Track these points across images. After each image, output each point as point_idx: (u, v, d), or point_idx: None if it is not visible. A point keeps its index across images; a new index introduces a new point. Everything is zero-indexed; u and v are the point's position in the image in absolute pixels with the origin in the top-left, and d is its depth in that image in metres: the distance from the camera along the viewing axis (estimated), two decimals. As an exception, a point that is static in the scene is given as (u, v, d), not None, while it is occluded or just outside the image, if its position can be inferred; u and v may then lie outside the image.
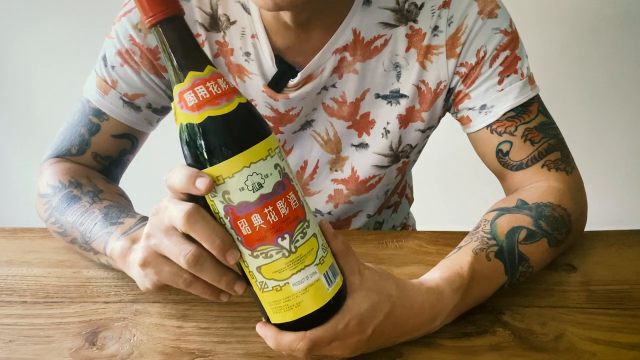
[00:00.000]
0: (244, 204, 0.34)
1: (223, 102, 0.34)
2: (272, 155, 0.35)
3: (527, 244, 0.50)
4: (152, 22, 0.34)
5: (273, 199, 0.35)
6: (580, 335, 0.46)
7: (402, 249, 0.59)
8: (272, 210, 0.35)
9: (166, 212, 0.37)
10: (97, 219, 0.52)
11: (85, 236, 0.53)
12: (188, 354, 0.45)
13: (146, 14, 0.34)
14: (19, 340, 0.47)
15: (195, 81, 0.34)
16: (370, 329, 0.40)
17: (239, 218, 0.35)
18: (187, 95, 0.34)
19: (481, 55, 0.57)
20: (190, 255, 0.36)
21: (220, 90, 0.35)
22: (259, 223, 0.35)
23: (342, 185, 0.68)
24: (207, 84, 0.34)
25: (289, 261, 0.36)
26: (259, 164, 0.34)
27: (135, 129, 0.63)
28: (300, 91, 0.60)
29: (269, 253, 0.36)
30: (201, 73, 0.34)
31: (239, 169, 0.34)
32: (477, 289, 0.47)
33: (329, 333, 0.38)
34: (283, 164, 0.36)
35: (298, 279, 0.36)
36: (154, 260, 0.39)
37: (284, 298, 0.37)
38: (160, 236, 0.38)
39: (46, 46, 1.41)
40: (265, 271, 0.36)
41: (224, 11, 0.58)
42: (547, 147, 0.58)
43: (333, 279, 0.38)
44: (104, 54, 0.60)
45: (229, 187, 0.34)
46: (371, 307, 0.40)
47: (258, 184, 0.34)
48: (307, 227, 0.37)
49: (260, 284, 0.37)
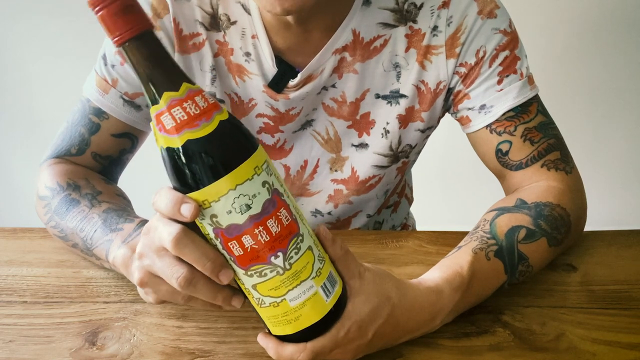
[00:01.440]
0: (233, 226, 0.33)
1: (202, 122, 0.32)
2: (258, 173, 0.34)
3: (526, 244, 0.50)
4: (119, 42, 0.32)
5: (263, 218, 0.33)
6: (580, 335, 0.46)
7: (402, 249, 0.59)
8: (262, 230, 0.34)
9: (156, 232, 0.37)
10: (97, 226, 0.52)
11: (86, 243, 0.53)
12: (188, 354, 0.45)
13: (111, 34, 0.31)
14: (19, 340, 0.47)
15: (171, 102, 0.32)
16: (370, 333, 0.40)
17: (229, 240, 0.34)
18: (164, 118, 0.32)
19: (480, 56, 0.57)
20: (182, 279, 0.36)
21: (199, 110, 0.32)
22: (250, 244, 0.34)
23: (342, 185, 0.68)
24: (183, 105, 0.32)
25: (284, 278, 0.35)
26: (245, 185, 0.33)
27: (135, 128, 0.63)
28: (300, 91, 0.60)
29: (263, 272, 0.35)
30: (176, 93, 0.32)
31: (225, 193, 0.33)
32: (477, 289, 0.47)
33: (330, 342, 0.39)
34: (272, 179, 0.35)
35: (295, 294, 0.36)
36: (150, 281, 0.40)
37: (282, 313, 0.36)
38: (153, 257, 0.38)
39: (46, 46, 1.41)
40: (261, 289, 0.36)
41: (225, 11, 0.58)
42: (546, 147, 0.58)
43: (331, 289, 0.38)
44: (103, 52, 0.60)
45: (216, 210, 0.33)
46: (371, 311, 0.40)
47: (246, 205, 0.33)
48: (301, 242, 0.36)
49: (257, 300, 0.37)
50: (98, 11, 0.31)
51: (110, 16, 0.31)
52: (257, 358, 0.44)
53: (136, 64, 0.32)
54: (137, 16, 0.32)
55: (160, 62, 0.33)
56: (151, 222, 0.38)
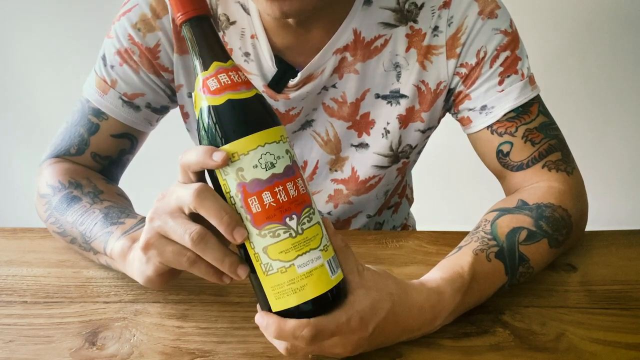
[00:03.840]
0: (256, 181, 0.36)
1: (242, 89, 0.38)
2: (284, 141, 0.38)
3: (527, 245, 0.50)
4: (184, 19, 0.38)
5: (284, 179, 0.37)
6: (580, 335, 0.46)
7: (402, 249, 0.59)
8: (282, 190, 0.37)
9: (173, 195, 0.38)
10: (98, 219, 0.52)
11: (85, 236, 0.53)
12: (188, 354, 0.45)
13: (179, 10, 0.38)
14: (19, 340, 0.47)
15: (218, 69, 0.37)
16: (371, 326, 0.40)
17: (250, 195, 0.36)
18: (210, 82, 0.37)
19: (481, 56, 0.57)
20: (195, 233, 0.37)
21: (240, 80, 0.38)
22: (269, 201, 0.36)
23: (342, 185, 0.68)
24: (229, 73, 0.38)
25: (295, 242, 0.37)
26: (272, 145, 0.37)
27: (134, 128, 0.63)
28: (300, 91, 0.59)
29: (276, 232, 0.37)
30: (224, 64, 0.38)
31: (254, 147, 0.36)
32: (478, 290, 0.47)
33: (332, 323, 0.38)
34: (292, 152, 0.39)
35: (303, 260, 0.37)
36: (157, 242, 0.39)
37: (288, 280, 0.37)
38: (165, 218, 0.38)
39: (46, 46, 1.41)
40: (272, 251, 0.37)
41: (224, 11, 0.58)
42: (547, 148, 0.58)
43: (335, 269, 0.39)
44: (103, 53, 0.60)
45: (243, 163, 0.36)
46: (372, 304, 0.40)
47: (270, 164, 0.37)
48: (312, 214, 0.38)
49: (265, 266, 0.37)
50: None
51: None
52: (257, 358, 0.44)
53: (196, 36, 0.38)
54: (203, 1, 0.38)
55: (214, 39, 0.39)
56: (167, 189, 0.39)
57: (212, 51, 0.38)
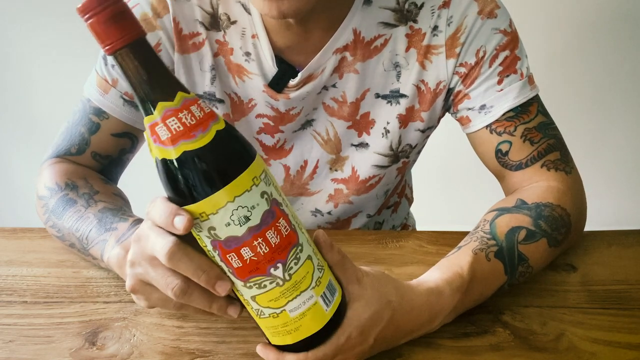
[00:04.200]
0: (231, 238, 0.33)
1: (199, 133, 0.31)
2: (257, 183, 0.33)
3: (526, 244, 0.50)
4: (110, 51, 0.31)
5: (262, 230, 0.33)
6: (580, 335, 0.46)
7: (402, 249, 0.59)
8: (262, 242, 0.33)
9: (148, 241, 0.36)
10: (92, 225, 0.52)
11: (82, 242, 0.53)
12: (188, 354, 0.45)
13: (102, 42, 0.30)
14: (19, 340, 0.47)
15: (165, 113, 0.31)
16: (371, 337, 0.40)
17: (228, 252, 0.33)
18: (159, 129, 0.31)
19: (481, 55, 0.57)
20: (177, 289, 0.36)
21: (195, 120, 0.32)
22: (249, 256, 0.33)
23: (342, 185, 0.68)
24: (179, 115, 0.31)
25: (284, 289, 0.35)
26: (243, 196, 0.32)
27: (135, 127, 0.63)
28: (300, 91, 0.60)
29: (262, 284, 0.34)
30: (171, 103, 0.31)
31: (223, 205, 0.32)
32: (477, 289, 0.47)
33: (332, 350, 0.38)
34: (270, 189, 0.34)
35: (294, 305, 0.35)
36: (141, 289, 0.39)
37: (281, 324, 0.36)
38: (146, 266, 0.37)
39: (46, 46, 1.41)
40: (261, 300, 0.35)
41: (225, 10, 0.58)
42: (546, 147, 0.58)
43: (331, 298, 0.37)
44: (104, 53, 0.60)
45: (214, 223, 0.32)
46: (372, 316, 0.40)
47: (245, 217, 0.32)
48: (300, 252, 0.35)
49: (257, 311, 0.36)
50: (88, 19, 0.30)
51: (101, 24, 0.30)
52: (257, 358, 0.44)
53: (128, 73, 0.31)
54: (128, 23, 0.30)
55: (153, 70, 0.32)
56: (142, 229, 0.37)
57: (155, 87, 0.31)
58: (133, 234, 0.38)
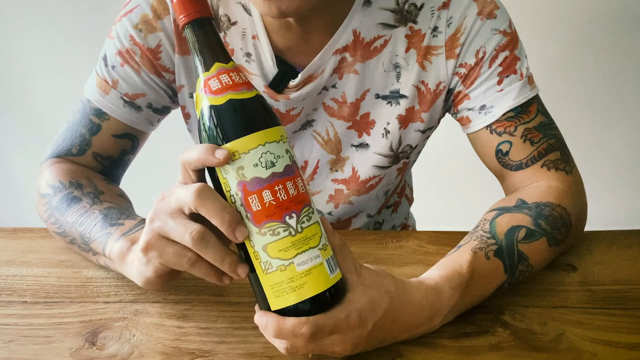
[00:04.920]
0: (256, 179, 0.37)
1: (243, 89, 0.38)
2: (284, 141, 0.38)
3: (526, 243, 0.50)
4: (187, 21, 0.38)
5: (283, 178, 0.37)
6: (580, 335, 0.46)
7: (402, 249, 0.59)
8: (282, 189, 0.37)
9: (173, 195, 0.39)
10: (97, 220, 0.52)
11: (84, 237, 0.53)
12: (188, 354, 0.45)
13: (182, 12, 0.38)
14: (19, 340, 0.47)
15: (220, 70, 0.38)
16: (370, 324, 0.40)
17: (250, 194, 0.37)
18: (211, 82, 0.38)
19: (480, 56, 0.57)
20: (195, 232, 0.37)
21: (242, 80, 0.38)
22: (269, 199, 0.37)
23: (342, 185, 0.68)
24: (230, 74, 0.38)
25: (294, 240, 0.37)
26: (272, 144, 0.37)
27: (136, 128, 0.63)
28: (300, 92, 0.60)
29: (276, 230, 0.37)
30: (226, 65, 0.38)
31: (255, 146, 0.37)
32: (477, 288, 0.47)
33: (331, 321, 0.38)
34: (292, 152, 0.39)
35: (302, 259, 0.37)
36: (157, 242, 0.39)
37: (287, 279, 0.37)
38: (165, 218, 0.39)
39: (47, 47, 1.41)
40: (271, 249, 0.37)
41: (225, 12, 0.59)
42: (546, 147, 0.58)
43: (334, 268, 0.39)
44: (104, 54, 0.61)
45: (243, 162, 0.37)
46: (371, 301, 0.40)
47: (271, 162, 0.37)
48: (312, 213, 0.39)
49: (265, 264, 0.38)
50: None
51: None
52: (257, 358, 0.44)
53: (199, 38, 0.39)
54: (205, 2, 0.39)
55: (216, 40, 0.39)
56: (167, 190, 0.39)
57: (214, 52, 0.39)
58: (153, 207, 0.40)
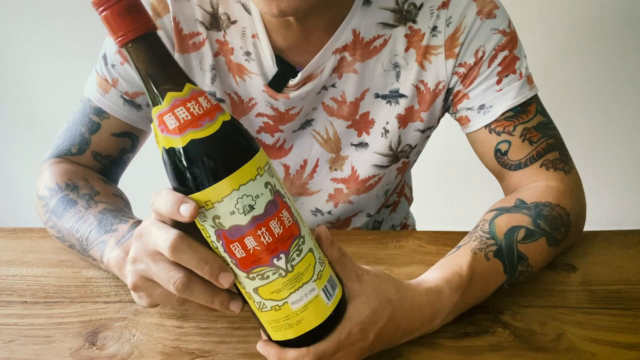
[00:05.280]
0: (235, 227, 0.33)
1: (206, 122, 0.32)
2: (261, 174, 0.34)
3: (525, 243, 0.50)
4: (122, 43, 0.32)
5: (265, 219, 0.33)
6: (580, 335, 0.46)
7: (402, 249, 0.59)
8: (265, 232, 0.34)
9: (150, 236, 0.36)
10: (92, 227, 0.52)
11: (82, 243, 0.53)
12: (188, 354, 0.45)
13: (115, 34, 0.32)
14: (19, 340, 0.47)
15: (174, 102, 0.32)
16: (372, 334, 0.40)
17: (231, 242, 0.34)
18: (167, 119, 0.32)
19: (480, 56, 0.57)
20: (179, 283, 0.36)
21: (202, 110, 0.33)
22: (253, 245, 0.34)
23: (342, 185, 0.68)
24: (187, 105, 0.32)
25: (286, 281, 0.35)
26: (248, 185, 0.33)
27: (135, 127, 0.63)
28: (300, 91, 0.60)
29: (265, 274, 0.35)
30: (180, 93, 0.32)
31: (228, 193, 0.32)
32: (476, 289, 0.47)
33: (333, 345, 0.38)
34: (274, 181, 0.35)
35: (297, 297, 0.35)
36: (143, 285, 0.39)
37: (283, 317, 0.36)
38: (147, 261, 0.37)
39: (46, 46, 1.41)
40: (263, 292, 0.35)
41: (225, 10, 0.58)
42: (545, 147, 0.58)
43: (332, 292, 0.38)
44: (104, 52, 0.61)
45: (218, 211, 0.33)
46: (372, 313, 0.40)
47: (249, 206, 0.33)
48: (302, 244, 0.36)
49: (258, 304, 0.36)
50: (102, 11, 0.31)
51: (114, 16, 0.31)
52: (257, 358, 0.44)
53: (139, 64, 0.32)
54: (140, 16, 0.32)
55: (163, 62, 0.33)
56: (144, 225, 0.37)
57: (164, 78, 0.32)
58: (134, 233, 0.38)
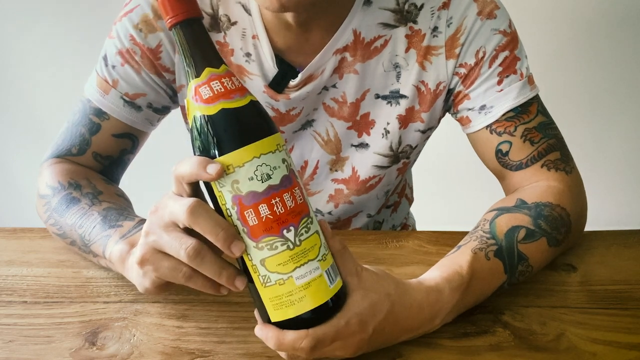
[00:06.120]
0: (252, 193, 0.35)
1: (236, 97, 0.36)
2: (280, 150, 0.37)
3: (526, 243, 0.50)
4: (174, 22, 0.36)
5: (280, 190, 0.36)
6: (580, 335, 0.46)
7: (402, 249, 0.59)
8: (279, 202, 0.36)
9: (166, 209, 0.38)
10: (96, 222, 0.52)
11: (84, 239, 0.53)
12: (188, 354, 0.45)
13: (168, 14, 0.36)
14: (19, 340, 0.47)
15: (211, 76, 0.36)
16: (371, 327, 0.40)
17: (246, 208, 0.36)
18: (202, 89, 0.36)
19: (480, 56, 0.57)
20: (190, 248, 0.37)
21: (234, 87, 0.37)
22: (266, 213, 0.36)
23: (342, 185, 0.68)
24: (222, 80, 0.36)
25: (293, 254, 0.36)
26: (268, 155, 0.36)
27: (135, 128, 0.63)
28: (300, 91, 0.60)
29: (274, 244, 0.36)
30: (217, 70, 0.36)
31: (250, 159, 0.35)
32: (477, 288, 0.47)
33: (332, 331, 0.38)
34: (289, 160, 0.38)
35: (301, 272, 0.37)
36: (152, 257, 0.39)
37: (286, 292, 0.37)
38: (160, 232, 0.38)
39: (47, 46, 1.41)
40: (269, 264, 0.37)
41: (225, 12, 0.59)
42: (546, 147, 0.58)
43: (334, 278, 0.39)
44: (104, 53, 0.61)
45: (238, 176, 0.35)
46: (371, 306, 0.40)
47: (267, 175, 0.36)
48: (310, 223, 0.38)
49: (263, 277, 0.37)
50: None
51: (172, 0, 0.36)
52: (257, 358, 0.44)
53: (187, 41, 0.37)
54: (193, 2, 0.37)
55: (206, 43, 0.37)
56: (160, 201, 0.39)
57: (205, 56, 0.37)
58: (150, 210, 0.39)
